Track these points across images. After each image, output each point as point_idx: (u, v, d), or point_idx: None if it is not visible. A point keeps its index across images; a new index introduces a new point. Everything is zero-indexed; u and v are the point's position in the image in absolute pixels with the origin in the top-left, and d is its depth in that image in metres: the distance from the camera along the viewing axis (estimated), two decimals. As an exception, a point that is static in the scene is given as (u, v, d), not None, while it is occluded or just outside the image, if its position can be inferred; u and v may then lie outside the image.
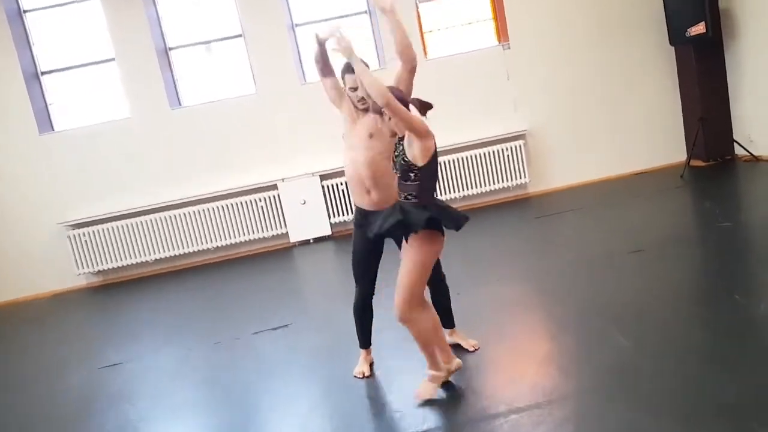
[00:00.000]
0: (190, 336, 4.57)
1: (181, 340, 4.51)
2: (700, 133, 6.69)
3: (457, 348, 3.32)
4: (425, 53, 7.08)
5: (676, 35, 6.70)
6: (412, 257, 2.75)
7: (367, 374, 3.24)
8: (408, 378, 3.12)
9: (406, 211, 2.70)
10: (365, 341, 3.32)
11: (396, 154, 2.80)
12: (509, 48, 7.05)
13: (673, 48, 7.00)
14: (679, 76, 7.10)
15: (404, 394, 2.97)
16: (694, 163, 6.89)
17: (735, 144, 6.73)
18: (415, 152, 2.66)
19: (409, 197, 2.71)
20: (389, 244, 3.12)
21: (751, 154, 6.47)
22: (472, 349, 3.30)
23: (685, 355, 2.85)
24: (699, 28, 6.32)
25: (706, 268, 4.11)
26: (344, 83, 3.10)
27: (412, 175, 2.67)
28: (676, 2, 6.57)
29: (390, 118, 2.67)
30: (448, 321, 3.34)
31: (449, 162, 6.98)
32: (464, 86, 7.03)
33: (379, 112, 2.75)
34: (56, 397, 3.86)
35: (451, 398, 2.89)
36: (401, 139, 2.74)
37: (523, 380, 2.89)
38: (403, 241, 2.84)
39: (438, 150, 2.74)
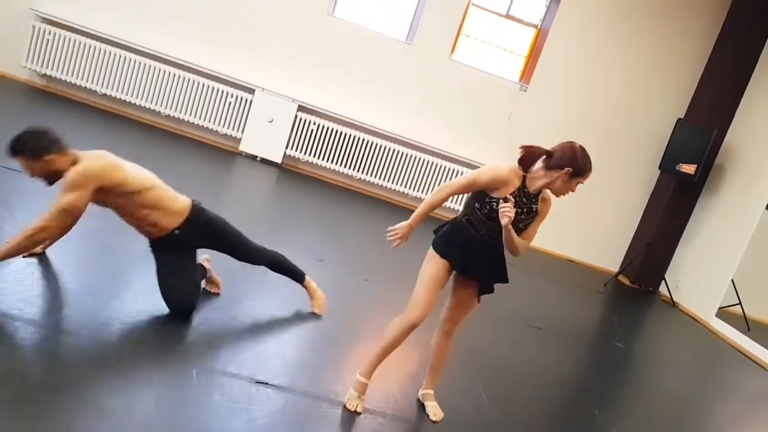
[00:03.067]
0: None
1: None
2: (640, 255, 6.99)
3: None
4: (452, 51, 7.03)
5: (667, 163, 6.94)
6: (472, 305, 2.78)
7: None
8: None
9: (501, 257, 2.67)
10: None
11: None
12: (525, 91, 7.11)
13: (659, 172, 7.26)
14: (650, 198, 7.39)
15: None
16: (622, 279, 7.20)
17: (663, 281, 7.07)
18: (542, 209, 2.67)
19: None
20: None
21: (671, 297, 6.82)
22: (317, 311, 3.34)
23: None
24: (689, 168, 6.59)
25: (586, 372, 4.30)
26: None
27: (521, 226, 2.61)
28: (682, 137, 6.78)
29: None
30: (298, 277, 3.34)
31: (419, 159, 6.97)
32: (470, 102, 7.04)
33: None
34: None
35: (311, 367, 2.90)
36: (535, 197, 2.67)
37: (385, 385, 2.93)
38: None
39: (403, 140, 2.69)
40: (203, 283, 3.18)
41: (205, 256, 3.22)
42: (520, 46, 7.28)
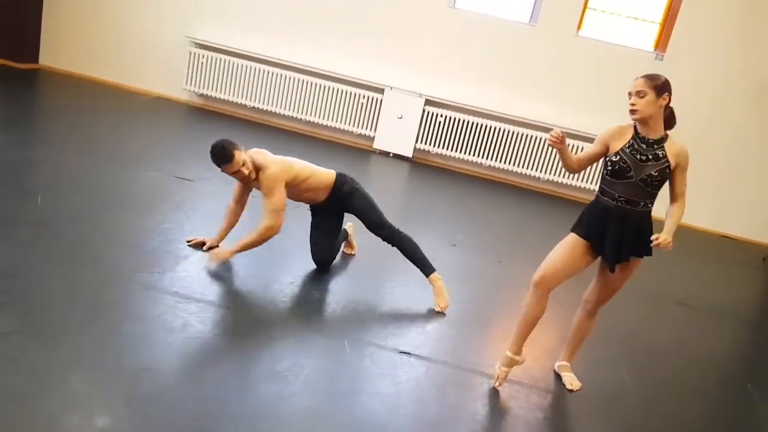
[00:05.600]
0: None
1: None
2: (807, 227, 6.37)
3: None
4: (579, 27, 6.87)
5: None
6: (615, 287, 2.77)
7: None
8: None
9: (643, 227, 2.62)
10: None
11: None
12: (662, 60, 6.75)
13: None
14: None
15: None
16: (785, 252, 6.61)
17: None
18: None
19: (650, 204, 2.61)
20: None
21: None
22: (438, 308, 3.39)
23: (676, 411, 2.95)
24: None
25: (736, 348, 4.09)
26: None
27: (654, 173, 2.54)
28: None
29: None
30: (427, 269, 3.47)
31: (533, 139, 6.89)
32: (603, 77, 6.83)
33: None
34: (136, 182, 4.31)
35: (449, 340, 3.11)
36: (657, 143, 2.57)
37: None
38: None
39: (534, 124, 2.71)
40: (343, 245, 3.89)
41: (349, 223, 3.92)
42: (654, 12, 6.93)
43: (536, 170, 7.05)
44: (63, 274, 2.86)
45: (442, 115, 7.04)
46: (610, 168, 2.58)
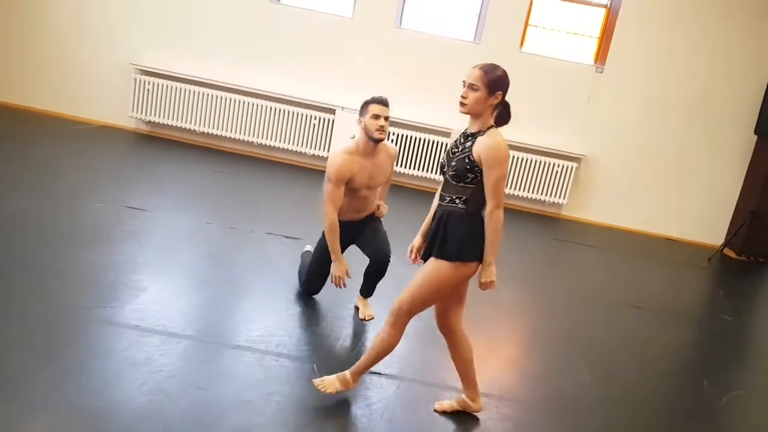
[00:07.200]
0: (212, 211, 4.85)
1: (203, 211, 4.80)
2: (746, 225, 6.70)
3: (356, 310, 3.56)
4: (521, 44, 7.09)
5: (763, 127, 6.63)
6: (429, 274, 2.41)
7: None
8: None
9: (447, 225, 2.39)
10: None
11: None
12: (601, 72, 7.03)
13: (755, 138, 6.95)
14: (749, 165, 7.06)
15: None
16: (727, 252, 6.92)
17: (773, 250, 6.73)
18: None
19: (457, 200, 2.39)
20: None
21: (783, 265, 6.49)
22: (366, 318, 3.45)
23: (637, 410, 3.04)
24: (789, 129, 6.27)
25: (689, 346, 4.25)
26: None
27: (471, 176, 2.36)
28: (779, 96, 6.47)
29: None
30: (368, 290, 3.50)
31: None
32: (545, 91, 7.06)
33: None
34: (82, 214, 4.18)
35: (416, 356, 3.13)
36: (473, 135, 2.41)
37: (487, 369, 3.11)
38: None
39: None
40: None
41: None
42: (592, 28, 7.22)
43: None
44: (14, 314, 2.74)
45: (394, 134, 7.12)
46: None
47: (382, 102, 3.28)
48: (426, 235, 2.57)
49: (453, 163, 2.38)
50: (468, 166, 2.34)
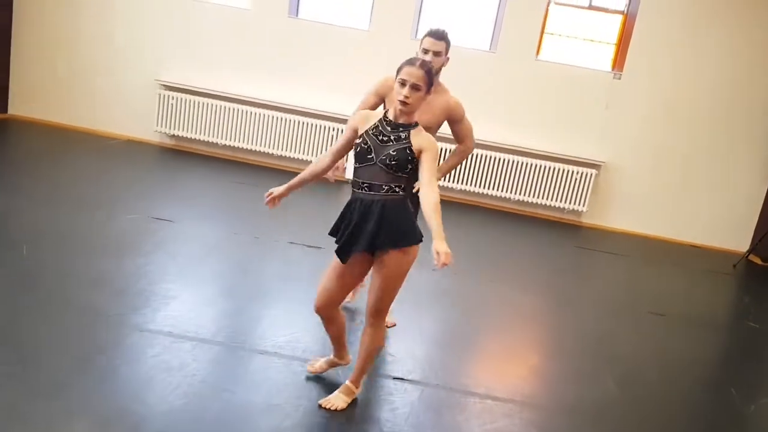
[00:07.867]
0: (236, 221, 4.96)
1: (228, 221, 4.91)
2: (770, 231, 6.63)
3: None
4: (538, 52, 7.14)
5: (787, 130, 6.58)
6: (396, 268, 2.50)
7: None
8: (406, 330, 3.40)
9: (388, 215, 2.47)
10: None
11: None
12: (619, 79, 7.04)
13: (779, 141, 6.89)
14: (773, 170, 7.01)
15: (400, 343, 3.27)
16: (752, 258, 6.85)
17: (799, 255, 6.65)
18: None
19: (397, 189, 2.48)
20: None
21: (809, 270, 6.40)
22: (388, 326, 3.39)
23: (663, 418, 3.05)
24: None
25: (715, 354, 4.23)
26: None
27: (410, 166, 2.45)
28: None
29: None
30: None
31: (517, 163, 7.09)
32: (564, 98, 7.08)
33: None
34: (113, 226, 4.31)
35: (438, 362, 3.17)
36: (403, 126, 2.47)
37: (509, 376, 3.14)
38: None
39: (516, 149, 2.59)
40: None
41: None
42: (609, 34, 7.25)
43: (504, 191, 7.21)
44: (50, 322, 2.85)
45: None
46: (355, 150, 2.54)
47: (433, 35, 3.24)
48: (293, 189, 2.81)
49: (392, 153, 2.44)
50: (410, 157, 2.44)
